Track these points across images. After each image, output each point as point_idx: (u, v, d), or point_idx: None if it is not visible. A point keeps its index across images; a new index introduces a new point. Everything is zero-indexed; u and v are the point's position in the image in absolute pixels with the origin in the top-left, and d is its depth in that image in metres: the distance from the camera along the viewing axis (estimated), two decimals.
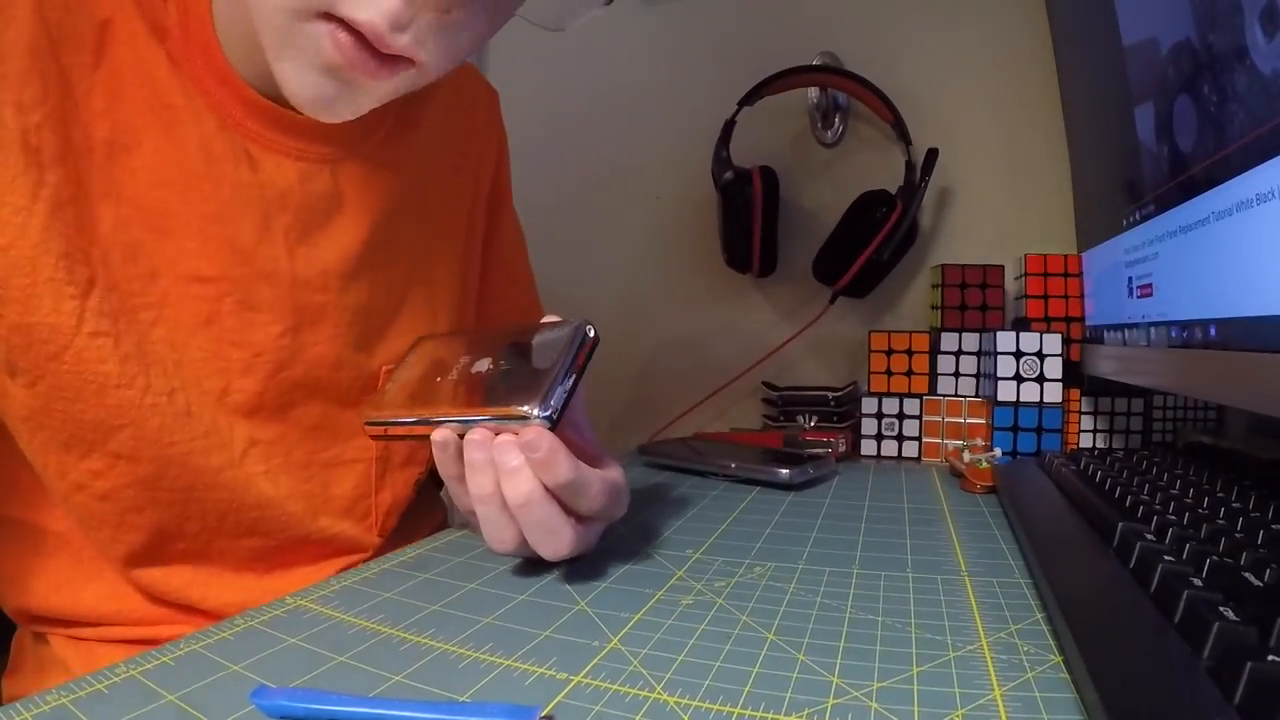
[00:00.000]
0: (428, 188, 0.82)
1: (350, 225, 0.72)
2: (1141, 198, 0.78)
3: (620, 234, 1.42)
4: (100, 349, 0.59)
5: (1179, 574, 0.41)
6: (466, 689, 0.39)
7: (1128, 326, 0.83)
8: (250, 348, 0.67)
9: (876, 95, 1.18)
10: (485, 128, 0.92)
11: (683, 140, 1.35)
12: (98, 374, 0.59)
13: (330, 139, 0.70)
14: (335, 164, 0.71)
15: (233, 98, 0.65)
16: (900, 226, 1.12)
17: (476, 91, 0.92)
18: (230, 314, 0.66)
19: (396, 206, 0.76)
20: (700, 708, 0.37)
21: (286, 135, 0.67)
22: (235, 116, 0.65)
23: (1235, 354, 0.58)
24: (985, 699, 0.37)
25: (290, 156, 0.68)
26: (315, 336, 0.70)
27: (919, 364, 1.07)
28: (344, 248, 0.72)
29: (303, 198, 0.68)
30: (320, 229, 0.70)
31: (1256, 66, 0.53)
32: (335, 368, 0.72)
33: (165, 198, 0.62)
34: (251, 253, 0.66)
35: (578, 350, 0.55)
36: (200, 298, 0.64)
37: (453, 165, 0.86)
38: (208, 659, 0.42)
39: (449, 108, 0.85)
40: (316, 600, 0.51)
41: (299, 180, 0.68)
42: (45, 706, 0.36)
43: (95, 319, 0.59)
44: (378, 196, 0.74)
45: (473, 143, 0.89)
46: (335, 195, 0.71)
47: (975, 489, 0.82)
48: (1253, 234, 0.55)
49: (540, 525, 0.52)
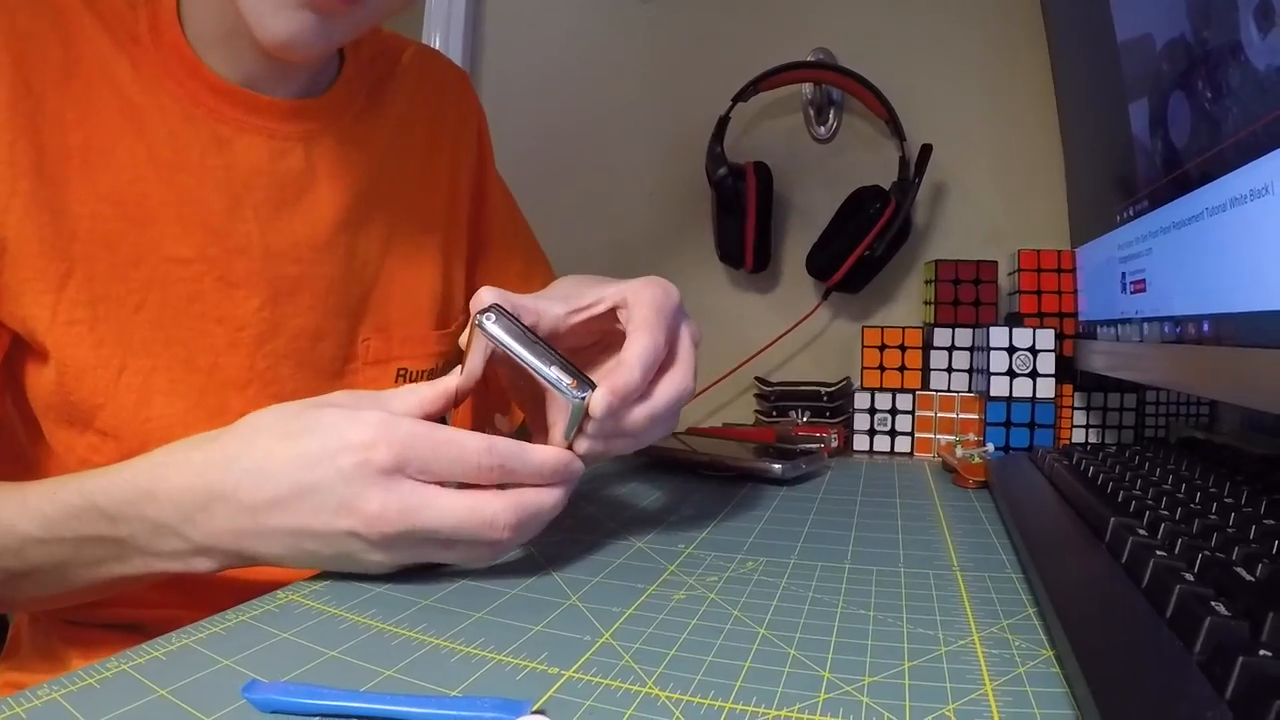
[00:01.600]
0: (401, 165, 0.85)
1: (323, 199, 0.77)
2: (1135, 193, 0.78)
3: (614, 229, 1.42)
4: (77, 335, 0.65)
5: (1171, 569, 0.41)
6: (458, 684, 0.39)
7: (1121, 322, 0.83)
8: (232, 322, 0.71)
9: (870, 91, 1.18)
10: (458, 107, 0.95)
11: (677, 136, 1.35)
12: (74, 358, 0.65)
13: (302, 117, 0.75)
14: (308, 141, 0.76)
15: (204, 88, 0.70)
16: (894, 222, 1.12)
17: (445, 74, 0.96)
18: (211, 291, 0.70)
19: (368, 182, 0.80)
20: (692, 703, 0.37)
21: (259, 117, 0.72)
22: (208, 104, 0.70)
23: (1228, 349, 0.58)
24: (977, 693, 0.37)
25: (263, 136, 0.73)
26: (294, 307, 0.75)
27: (912, 359, 1.08)
28: (315, 221, 0.76)
29: (273, 175, 0.73)
30: (292, 204, 0.75)
31: (1251, 62, 0.53)
32: (316, 337, 0.76)
33: (142, 189, 0.67)
34: (224, 230, 0.71)
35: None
36: (181, 279, 0.69)
37: (427, 145, 0.90)
38: (199, 653, 0.42)
39: (418, 90, 0.90)
40: (308, 595, 0.50)
41: (270, 158, 0.73)
42: (37, 701, 0.36)
43: (69, 309, 0.64)
44: (350, 172, 0.79)
45: (446, 123, 0.93)
46: (308, 171, 0.76)
47: (968, 484, 0.83)
48: (1246, 230, 0.55)
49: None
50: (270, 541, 0.51)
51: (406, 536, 0.49)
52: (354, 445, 0.49)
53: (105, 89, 0.66)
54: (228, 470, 0.51)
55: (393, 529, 0.49)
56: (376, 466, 0.48)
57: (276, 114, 0.73)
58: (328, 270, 0.77)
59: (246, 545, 0.51)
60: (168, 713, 0.35)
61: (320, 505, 0.49)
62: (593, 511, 0.72)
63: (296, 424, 0.52)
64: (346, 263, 0.79)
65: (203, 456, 0.52)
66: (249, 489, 0.50)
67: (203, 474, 0.52)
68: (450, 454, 0.50)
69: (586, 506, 0.73)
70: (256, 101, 0.72)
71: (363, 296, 0.81)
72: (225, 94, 0.71)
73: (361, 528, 0.48)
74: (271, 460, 0.50)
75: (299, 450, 0.50)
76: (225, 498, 0.51)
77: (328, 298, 0.77)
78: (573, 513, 0.67)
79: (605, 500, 0.76)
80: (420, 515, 0.49)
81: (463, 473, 0.50)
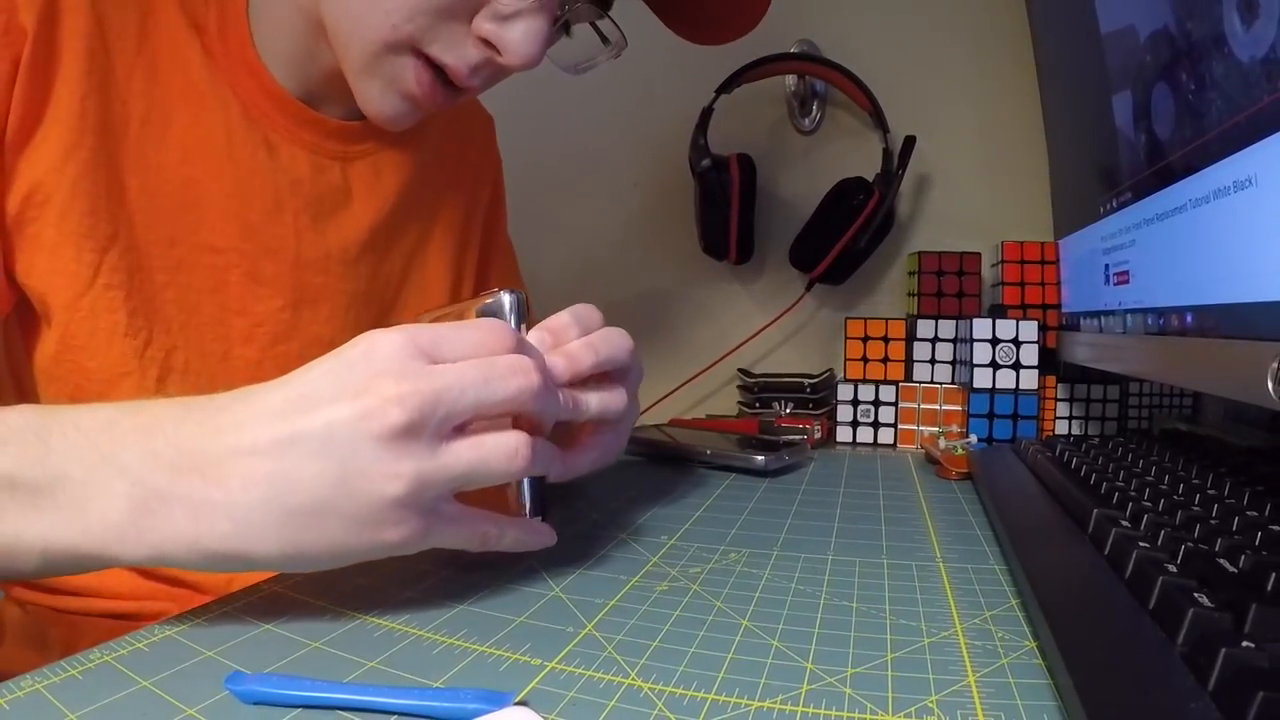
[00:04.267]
0: (427, 195, 0.89)
1: (354, 218, 0.80)
2: (1119, 185, 0.78)
3: (597, 221, 1.41)
4: (112, 300, 0.66)
5: (1154, 560, 0.41)
6: (441, 675, 0.39)
7: (1104, 313, 0.83)
8: (252, 317, 0.74)
9: (854, 83, 1.18)
10: (482, 149, 1.02)
11: (660, 128, 1.34)
12: (108, 321, 0.66)
13: (345, 139, 0.79)
14: (345, 162, 0.79)
15: (260, 91, 0.73)
16: (877, 214, 1.12)
17: (475, 116, 1.02)
18: (236, 284, 0.73)
19: (397, 207, 0.84)
20: (674, 694, 0.37)
21: (304, 130, 0.76)
22: (261, 108, 0.73)
23: (1211, 341, 0.58)
24: (959, 685, 0.37)
25: (306, 149, 0.76)
26: (313, 315, 0.78)
27: (895, 351, 1.08)
28: (346, 237, 0.80)
29: (314, 187, 0.77)
30: (327, 218, 0.78)
31: (1234, 54, 0.53)
32: (329, 347, 0.74)
33: (189, 173, 0.70)
34: (261, 229, 0.73)
35: None
36: (211, 266, 0.71)
37: (450, 179, 0.94)
38: (182, 645, 0.42)
39: (450, 127, 0.94)
40: (291, 586, 0.50)
41: (311, 171, 0.77)
42: (20, 692, 0.36)
43: (109, 273, 0.66)
44: (381, 196, 0.83)
45: (468, 161, 0.98)
46: (344, 189, 0.79)
47: (950, 476, 0.83)
48: (1229, 221, 0.55)
49: None
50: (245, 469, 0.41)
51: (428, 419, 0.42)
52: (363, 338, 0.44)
53: (173, 66, 0.69)
54: (212, 399, 0.44)
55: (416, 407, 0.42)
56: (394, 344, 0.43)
57: (323, 131, 0.77)
58: (352, 286, 0.81)
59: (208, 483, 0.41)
60: (150, 704, 0.35)
61: (324, 392, 0.43)
62: (576, 503, 0.72)
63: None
64: (370, 281, 0.83)
65: (189, 399, 0.45)
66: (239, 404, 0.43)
67: (184, 402, 0.45)
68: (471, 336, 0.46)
69: (569, 498, 0.73)
70: (306, 115, 0.75)
71: (379, 316, 0.84)
72: (279, 102, 0.74)
73: (376, 406, 0.41)
74: (270, 387, 0.44)
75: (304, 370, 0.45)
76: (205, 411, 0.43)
77: (347, 312, 0.80)
78: (556, 504, 0.67)
79: (588, 492, 0.76)
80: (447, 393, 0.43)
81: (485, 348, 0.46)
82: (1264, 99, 0.50)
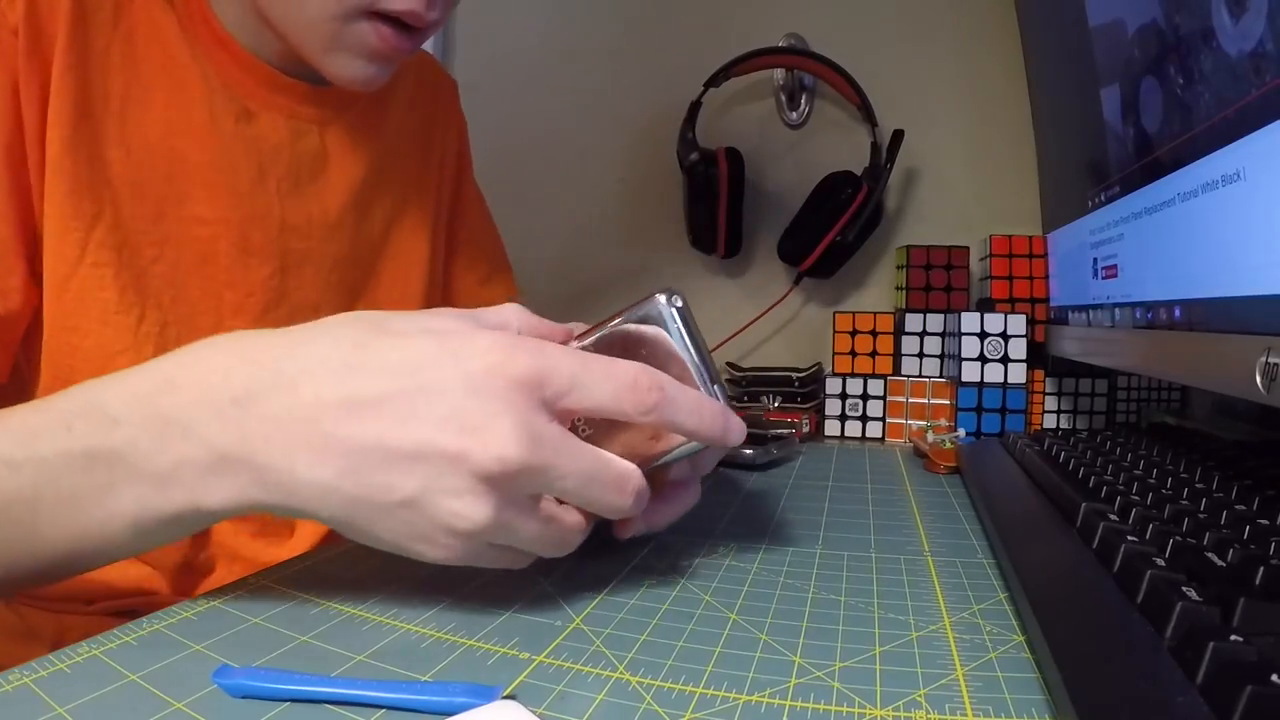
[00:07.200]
0: (400, 158, 0.90)
1: (334, 182, 0.81)
2: (1107, 179, 0.78)
3: (585, 215, 1.41)
4: (101, 278, 0.66)
5: (1142, 554, 0.42)
6: (429, 669, 0.38)
7: (1092, 307, 0.84)
8: (243, 288, 0.74)
9: (842, 77, 1.18)
10: (447, 114, 1.01)
11: (648, 121, 1.34)
12: (98, 300, 0.66)
13: (318, 103, 0.79)
14: (322, 126, 0.80)
15: (232, 61, 0.73)
16: (866, 208, 1.12)
17: (438, 81, 1.01)
18: (225, 254, 0.73)
19: (374, 170, 0.85)
20: (663, 688, 0.37)
21: (280, 96, 0.76)
22: (235, 76, 0.73)
23: (1199, 335, 0.59)
24: (948, 678, 0.37)
25: (283, 115, 0.77)
26: (299, 280, 0.78)
27: (883, 345, 1.08)
28: (327, 201, 0.80)
29: (293, 153, 0.77)
30: (308, 182, 0.79)
31: (1223, 49, 0.53)
32: (316, 311, 0.78)
33: (174, 145, 0.70)
34: (249, 198, 0.74)
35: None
36: (199, 238, 0.72)
37: (421, 143, 0.95)
38: (170, 638, 0.41)
39: (415, 93, 0.94)
40: (279, 580, 0.50)
41: (290, 137, 0.77)
42: (8, 686, 0.36)
43: (97, 250, 0.66)
44: (358, 159, 0.83)
45: (436, 126, 0.98)
46: (322, 154, 0.80)
47: (939, 469, 0.83)
48: (1218, 215, 0.55)
49: None
50: (324, 460, 0.39)
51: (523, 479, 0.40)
52: (485, 349, 0.41)
53: (151, 40, 0.69)
54: (292, 356, 0.42)
55: (516, 460, 0.39)
56: (511, 377, 0.40)
57: (297, 96, 0.77)
58: (334, 249, 0.82)
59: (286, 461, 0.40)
60: (139, 698, 0.35)
61: (423, 412, 0.39)
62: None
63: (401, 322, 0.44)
64: (351, 243, 0.83)
65: (258, 341, 0.43)
66: (322, 381, 0.40)
67: (253, 356, 0.42)
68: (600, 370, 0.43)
69: None
70: (280, 81, 0.76)
71: (361, 277, 0.86)
72: (251, 69, 0.74)
73: (478, 450, 0.38)
74: (363, 354, 0.41)
75: (407, 346, 0.41)
76: (281, 387, 0.41)
77: (330, 274, 0.81)
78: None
79: None
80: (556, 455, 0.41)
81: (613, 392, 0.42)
82: (1252, 93, 0.50)
